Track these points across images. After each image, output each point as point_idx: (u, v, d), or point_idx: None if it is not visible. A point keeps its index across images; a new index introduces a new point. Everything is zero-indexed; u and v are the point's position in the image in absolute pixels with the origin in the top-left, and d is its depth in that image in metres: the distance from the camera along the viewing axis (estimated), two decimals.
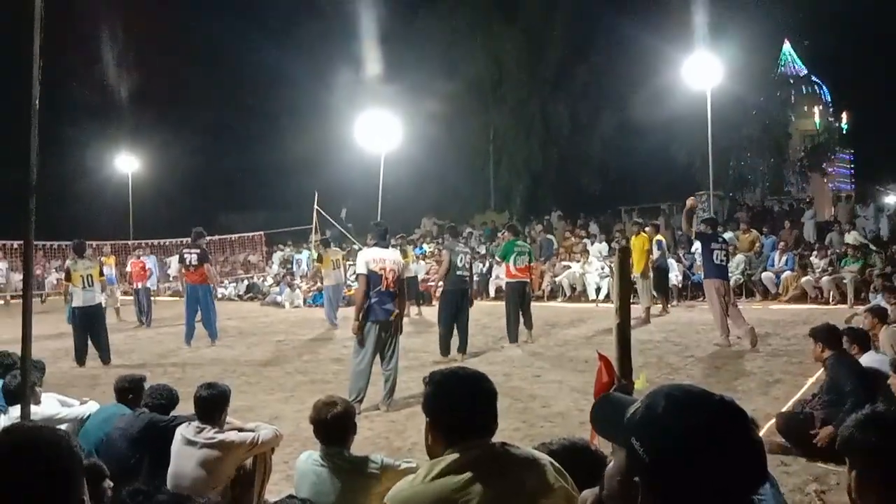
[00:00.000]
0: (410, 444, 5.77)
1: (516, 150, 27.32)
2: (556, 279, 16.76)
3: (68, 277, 9.91)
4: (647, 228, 12.63)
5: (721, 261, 9.44)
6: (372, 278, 6.78)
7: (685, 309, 13.99)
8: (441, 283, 9.94)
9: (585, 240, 18.85)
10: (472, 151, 27.38)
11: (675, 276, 15.03)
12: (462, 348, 9.32)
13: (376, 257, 6.89)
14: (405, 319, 8.49)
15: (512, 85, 27.06)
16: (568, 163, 27.33)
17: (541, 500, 1.83)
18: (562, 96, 27.18)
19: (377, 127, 16.51)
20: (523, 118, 27.21)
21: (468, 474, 1.86)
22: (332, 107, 23.48)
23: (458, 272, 9.42)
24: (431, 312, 14.48)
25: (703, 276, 10.06)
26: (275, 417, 6.34)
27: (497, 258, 12.16)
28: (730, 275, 10.49)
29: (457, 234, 10.81)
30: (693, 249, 17.05)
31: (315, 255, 20.60)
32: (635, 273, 11.60)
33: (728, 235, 15.92)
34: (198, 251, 11.42)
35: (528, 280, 10.66)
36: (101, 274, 10.26)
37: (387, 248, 7.17)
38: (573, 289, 16.42)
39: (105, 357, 9.78)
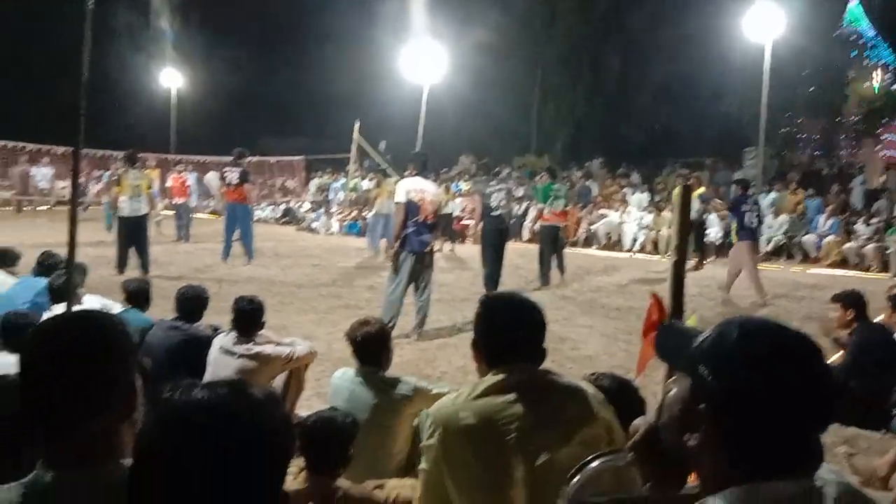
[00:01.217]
0: (440, 372, 5.87)
1: (562, 93, 26.70)
2: (593, 227, 16.61)
3: (119, 184, 10.07)
4: (690, 181, 12.38)
5: (751, 223, 9.31)
6: (410, 208, 6.77)
7: (722, 266, 13.79)
8: (479, 224, 9.76)
9: (626, 189, 18.56)
10: (517, 91, 26.78)
11: (714, 233, 14.78)
12: (494, 288, 9.28)
13: (416, 187, 6.86)
14: (438, 255, 8.55)
15: (564, 27, 26.28)
16: (613, 111, 26.68)
17: (582, 427, 1.83)
18: (613, 43, 26.37)
19: (422, 57, 16.22)
20: (572, 62, 26.49)
21: (511, 396, 1.87)
22: (377, 35, 23.04)
23: (493, 213, 9.28)
24: (464, 250, 14.53)
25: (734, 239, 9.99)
26: (307, 337, 6.44)
27: (535, 202, 12.03)
28: (772, 235, 10.35)
29: (488, 172, 10.57)
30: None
31: (352, 185, 20.69)
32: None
33: (772, 196, 15.58)
34: (239, 170, 11.53)
35: (563, 224, 10.58)
36: (149, 186, 10.35)
37: (427, 178, 7.12)
38: (609, 237, 16.28)
39: (145, 267, 10.00)
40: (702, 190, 13.45)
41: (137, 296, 4.86)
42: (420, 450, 2.00)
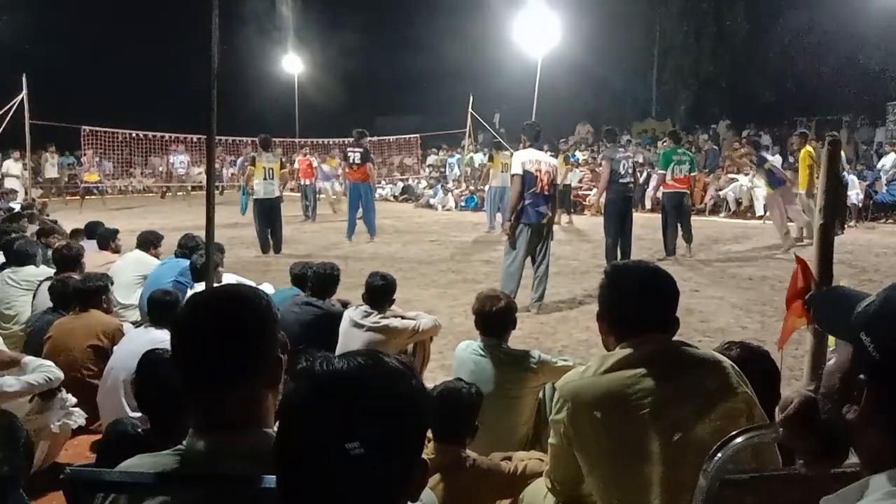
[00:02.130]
0: (560, 346, 5.82)
1: (684, 53, 25.37)
2: (721, 192, 15.80)
3: (252, 164, 10.51)
4: (813, 141, 11.46)
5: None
6: (527, 179, 6.70)
7: (864, 230, 12.81)
8: (603, 193, 9.47)
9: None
10: (634, 54, 25.75)
11: (855, 195, 13.70)
12: (625, 258, 9.05)
13: (532, 158, 6.80)
14: (556, 227, 8.41)
15: None
16: (741, 68, 25.05)
17: (721, 401, 1.74)
18: None
19: (535, 27, 15.91)
20: (694, 18, 25.09)
21: (642, 370, 1.80)
22: (488, 7, 22.84)
23: (621, 179, 8.92)
24: (582, 221, 14.26)
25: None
26: (430, 311, 6.57)
27: (657, 168, 11.50)
28: None
29: (615, 139, 10.17)
30: (879, 165, 15.41)
31: (467, 159, 20.76)
32: (799, 189, 10.76)
33: None
34: (361, 150, 11.81)
35: (688, 191, 10.10)
36: (282, 168, 10.68)
37: (541, 149, 7.03)
38: (738, 203, 15.44)
39: (278, 247, 10.50)
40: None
41: (301, 279, 5.07)
42: (547, 424, 1.98)
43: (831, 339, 1.61)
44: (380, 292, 4.10)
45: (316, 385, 0.93)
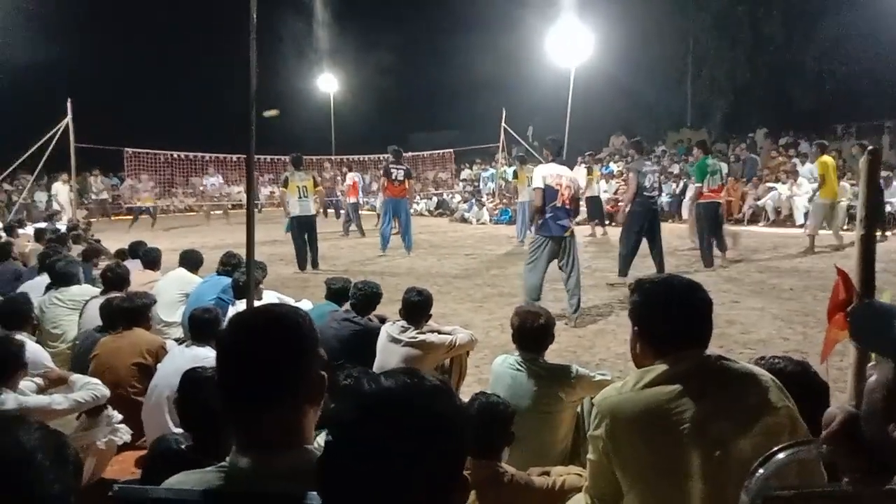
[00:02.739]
0: (598, 359, 5.76)
1: (718, 61, 25.02)
2: (759, 202, 15.54)
3: (285, 185, 10.69)
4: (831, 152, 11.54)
5: None
6: (548, 193, 6.83)
7: None
8: (629, 205, 9.42)
9: (795, 159, 17.20)
10: (667, 63, 25.50)
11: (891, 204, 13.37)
12: (660, 271, 8.93)
13: (553, 172, 6.92)
14: (588, 239, 8.41)
15: None
16: (778, 75, 24.59)
17: (763, 416, 1.71)
18: (775, 0, 24.29)
19: (567, 40, 15.89)
20: (728, 25, 24.74)
21: (680, 385, 1.78)
22: (520, 20, 22.90)
23: (646, 192, 8.85)
24: (617, 233, 14.10)
25: None
26: (466, 325, 6.57)
27: (693, 180, 11.35)
28: None
29: (642, 151, 10.05)
30: None
31: (500, 172, 20.77)
32: (820, 197, 10.93)
33: None
34: (404, 167, 12.19)
35: (722, 201, 9.98)
36: (316, 185, 10.85)
37: (563, 163, 7.16)
38: (778, 212, 15.16)
39: (315, 262, 10.67)
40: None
41: (339, 294, 5.14)
42: (586, 438, 1.97)
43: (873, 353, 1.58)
44: (417, 308, 4.13)
45: (364, 404, 0.94)
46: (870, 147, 1.91)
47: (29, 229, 11.83)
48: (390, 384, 0.95)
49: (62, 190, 17.47)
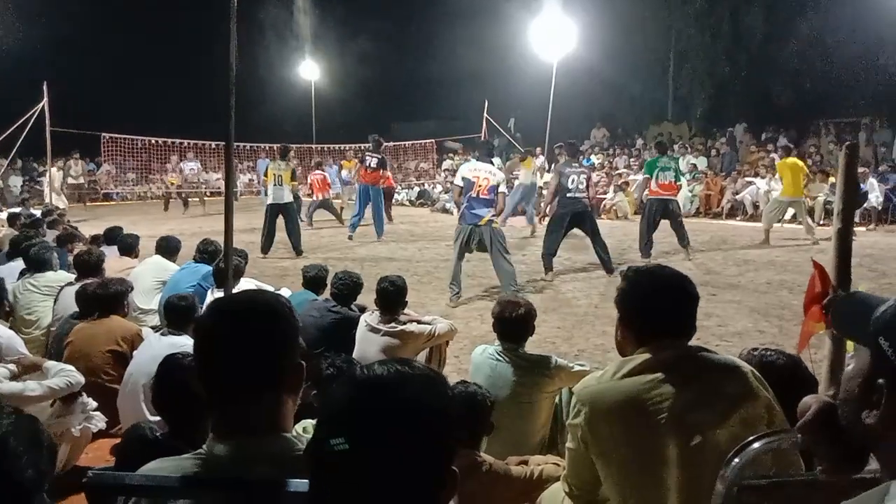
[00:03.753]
0: (577, 350, 5.80)
1: (700, 56, 25.17)
2: (738, 196, 15.70)
3: (265, 174, 11.00)
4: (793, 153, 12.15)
5: None
6: (465, 185, 7.52)
7: (884, 233, 12.68)
8: (550, 205, 9.58)
9: (773, 154, 17.37)
10: (650, 57, 25.59)
11: (874, 198, 13.57)
12: (607, 267, 8.88)
13: (472, 167, 7.69)
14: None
15: None
16: (758, 70, 24.78)
17: (740, 406, 1.73)
18: None
19: (550, 32, 15.89)
20: (710, 21, 24.91)
21: (660, 374, 1.79)
22: (504, 11, 22.86)
23: (569, 194, 8.85)
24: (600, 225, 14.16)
25: None
26: (445, 315, 6.59)
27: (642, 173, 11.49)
28: None
29: (575, 154, 9.94)
30: None
31: None
32: (782, 195, 11.60)
33: None
34: (379, 157, 12.56)
35: (674, 197, 10.12)
36: (293, 178, 11.02)
37: (489, 162, 7.87)
38: (756, 207, 15.31)
39: (297, 249, 10.83)
40: None
41: (315, 282, 5.14)
42: (564, 428, 1.98)
43: (850, 345, 1.60)
44: (391, 297, 4.11)
45: (357, 391, 0.94)
46: (847, 142, 1.93)
47: (2, 214, 11.63)
48: (382, 372, 0.95)
49: (57, 176, 17.20)
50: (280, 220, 10.81)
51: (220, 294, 4.56)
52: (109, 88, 24.18)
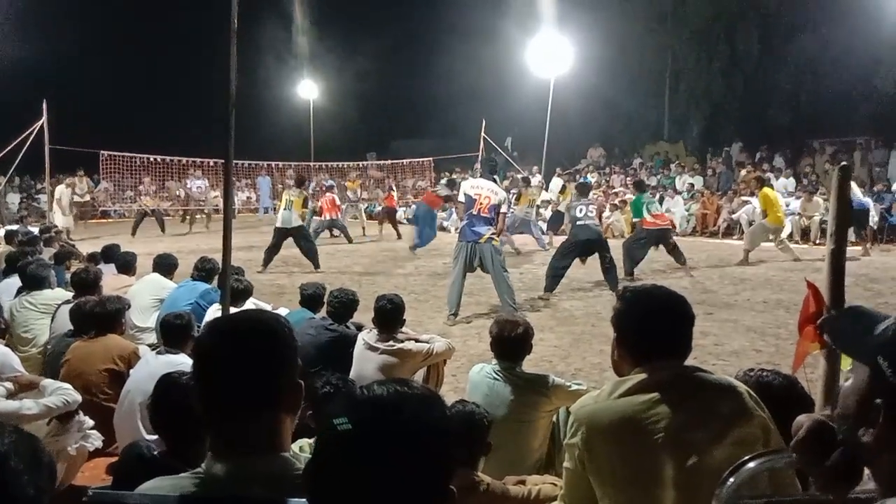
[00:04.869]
0: (574, 369, 5.80)
1: (696, 76, 25.35)
2: (734, 215, 15.74)
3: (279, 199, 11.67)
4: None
5: None
6: (466, 202, 7.52)
7: (879, 253, 12.71)
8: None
9: (769, 174, 17.45)
10: (646, 77, 25.75)
11: (871, 218, 13.62)
12: (612, 286, 8.83)
13: (474, 184, 7.71)
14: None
15: (696, 4, 24.97)
16: (754, 91, 24.97)
17: (736, 426, 1.73)
18: (752, 18, 24.69)
19: (547, 51, 16.03)
20: (706, 42, 25.11)
21: (656, 394, 1.80)
22: (501, 30, 23.05)
23: (579, 222, 9.10)
24: None
25: None
26: (442, 334, 6.58)
27: (633, 219, 11.39)
28: None
29: (586, 193, 9.85)
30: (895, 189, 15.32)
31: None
32: (770, 223, 11.75)
33: None
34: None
35: (669, 226, 10.41)
36: (303, 206, 11.70)
37: (491, 180, 7.88)
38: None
39: (315, 264, 11.17)
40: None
41: (312, 300, 5.15)
42: (561, 448, 1.98)
43: (846, 363, 1.61)
44: (389, 315, 4.12)
45: (356, 410, 0.94)
46: (841, 163, 1.96)
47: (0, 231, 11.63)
48: (381, 392, 0.95)
49: (65, 193, 17.21)
50: (288, 241, 11.18)
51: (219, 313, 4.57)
52: (108, 107, 24.28)
